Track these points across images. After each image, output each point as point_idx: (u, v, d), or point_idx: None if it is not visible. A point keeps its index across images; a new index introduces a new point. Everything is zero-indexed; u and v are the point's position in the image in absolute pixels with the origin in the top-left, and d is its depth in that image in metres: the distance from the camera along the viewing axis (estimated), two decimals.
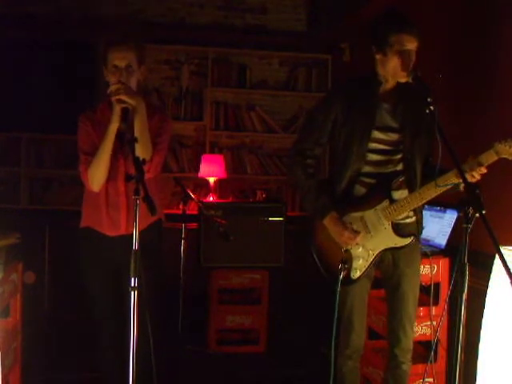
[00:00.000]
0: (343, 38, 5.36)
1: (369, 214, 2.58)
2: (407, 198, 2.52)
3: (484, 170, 2.33)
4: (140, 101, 2.48)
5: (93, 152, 2.58)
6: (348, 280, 2.60)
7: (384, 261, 2.65)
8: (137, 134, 2.41)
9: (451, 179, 2.34)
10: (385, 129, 2.57)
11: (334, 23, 5.44)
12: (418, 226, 2.67)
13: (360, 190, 2.61)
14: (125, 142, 2.53)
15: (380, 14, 2.54)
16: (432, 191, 2.44)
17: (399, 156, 2.59)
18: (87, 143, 2.63)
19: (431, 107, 2.25)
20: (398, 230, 2.58)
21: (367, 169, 2.59)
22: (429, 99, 2.25)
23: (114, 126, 2.49)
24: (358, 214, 2.59)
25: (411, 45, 2.43)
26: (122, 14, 5.41)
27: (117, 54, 2.55)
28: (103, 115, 2.64)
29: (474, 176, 2.31)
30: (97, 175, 2.56)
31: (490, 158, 2.32)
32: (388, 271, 2.68)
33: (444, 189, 2.40)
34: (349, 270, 2.59)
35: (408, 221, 2.62)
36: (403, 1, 3.62)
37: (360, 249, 2.60)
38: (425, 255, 3.05)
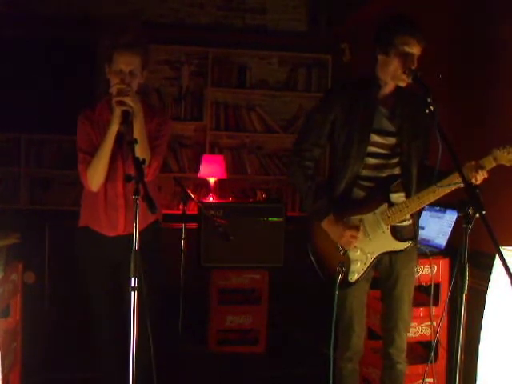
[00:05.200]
0: (343, 38, 5.36)
1: (367, 218, 2.58)
2: (406, 202, 2.52)
3: (485, 175, 2.33)
4: (139, 105, 2.48)
5: (91, 151, 2.59)
6: (346, 283, 2.60)
7: (381, 263, 2.65)
8: (136, 136, 2.41)
9: (452, 181, 2.34)
10: (382, 132, 2.57)
11: (334, 23, 5.45)
12: (415, 229, 2.67)
13: (358, 193, 2.61)
14: (125, 143, 2.54)
15: (387, 17, 2.54)
16: (431, 195, 2.43)
17: (396, 160, 2.59)
18: (86, 142, 2.63)
19: (431, 107, 2.25)
20: (397, 233, 2.58)
21: (365, 172, 2.58)
22: (429, 99, 2.25)
23: (114, 128, 2.50)
24: (356, 218, 2.59)
25: (415, 49, 2.43)
26: (122, 14, 5.41)
27: (124, 58, 2.54)
28: (102, 115, 2.64)
29: (477, 179, 2.31)
30: (96, 176, 2.57)
31: (488, 163, 2.33)
32: (385, 273, 2.69)
33: (443, 193, 2.40)
34: (346, 273, 2.59)
35: (405, 223, 2.62)
36: (402, 1, 3.63)
37: (358, 252, 2.60)
38: (425, 255, 3.06)
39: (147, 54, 2.63)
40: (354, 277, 2.61)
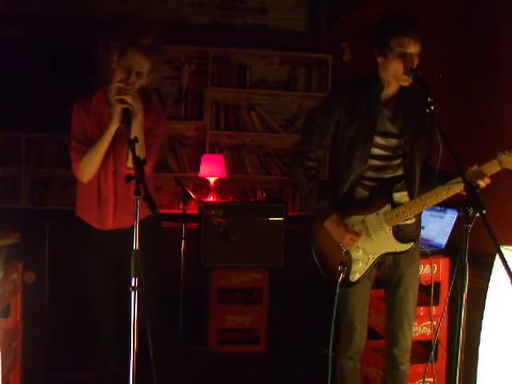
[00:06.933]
0: (343, 38, 5.36)
1: (370, 218, 2.58)
2: (409, 204, 2.51)
3: (488, 181, 2.32)
4: (139, 104, 2.48)
5: (85, 141, 2.60)
6: (347, 282, 2.60)
7: (385, 262, 2.65)
8: (134, 135, 2.41)
9: (456, 186, 2.33)
10: (385, 134, 2.56)
11: (334, 23, 5.44)
12: (418, 228, 2.68)
13: (362, 192, 2.60)
14: (118, 140, 2.56)
15: (383, 17, 2.53)
16: (433, 198, 2.43)
17: (398, 161, 2.59)
18: (80, 131, 2.64)
19: (432, 107, 2.25)
20: (399, 233, 2.57)
21: (369, 173, 2.58)
22: (429, 99, 2.25)
23: (113, 127, 2.50)
24: (359, 218, 2.59)
25: (413, 48, 2.42)
26: (122, 14, 5.41)
27: (137, 58, 2.54)
28: (98, 106, 2.65)
29: (480, 185, 2.30)
30: (89, 169, 2.59)
31: (493, 168, 2.31)
32: (389, 272, 2.68)
33: (446, 196, 2.39)
34: (348, 273, 2.59)
35: (408, 222, 2.62)
36: (403, 1, 3.62)
37: (360, 252, 2.60)
38: (425, 255, 3.05)
39: (159, 60, 2.64)
40: (355, 276, 2.61)
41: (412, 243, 2.58)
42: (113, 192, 2.66)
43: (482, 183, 2.30)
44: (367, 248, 2.60)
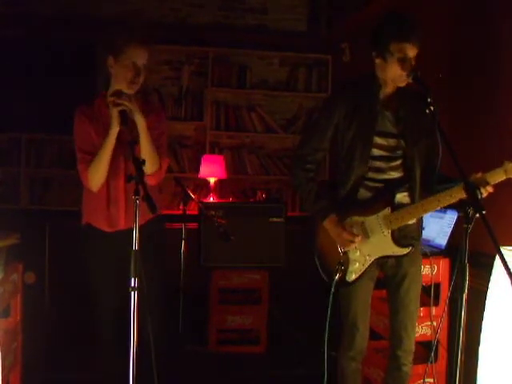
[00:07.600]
0: (343, 38, 5.36)
1: (370, 220, 2.58)
2: (409, 209, 2.51)
3: (490, 189, 2.29)
4: (135, 104, 2.49)
5: (91, 151, 2.59)
6: (344, 282, 2.61)
7: (387, 263, 2.64)
8: (140, 135, 2.42)
9: (457, 193, 2.32)
10: (385, 134, 2.56)
11: (334, 23, 5.44)
12: (419, 228, 2.67)
13: (364, 193, 2.60)
14: (126, 144, 2.55)
15: (381, 19, 2.53)
16: (435, 204, 2.41)
17: (399, 162, 2.58)
18: (85, 142, 2.62)
19: (431, 107, 2.25)
20: (399, 234, 2.57)
21: (370, 174, 2.58)
22: (429, 99, 2.25)
23: (114, 131, 2.50)
24: (359, 219, 2.59)
25: (411, 52, 2.42)
26: (122, 14, 5.41)
27: (139, 52, 2.56)
28: (100, 110, 2.64)
29: (482, 193, 2.28)
30: (97, 176, 2.58)
31: (497, 176, 2.28)
32: (391, 271, 2.67)
33: (447, 202, 2.38)
34: (344, 273, 2.60)
35: (409, 222, 2.61)
36: (403, 2, 3.63)
37: (357, 253, 2.61)
38: (425, 255, 3.05)
39: (152, 52, 2.65)
40: (351, 277, 2.61)
41: (410, 247, 2.57)
42: (123, 192, 2.65)
43: (484, 191, 2.27)
44: (365, 249, 2.60)
